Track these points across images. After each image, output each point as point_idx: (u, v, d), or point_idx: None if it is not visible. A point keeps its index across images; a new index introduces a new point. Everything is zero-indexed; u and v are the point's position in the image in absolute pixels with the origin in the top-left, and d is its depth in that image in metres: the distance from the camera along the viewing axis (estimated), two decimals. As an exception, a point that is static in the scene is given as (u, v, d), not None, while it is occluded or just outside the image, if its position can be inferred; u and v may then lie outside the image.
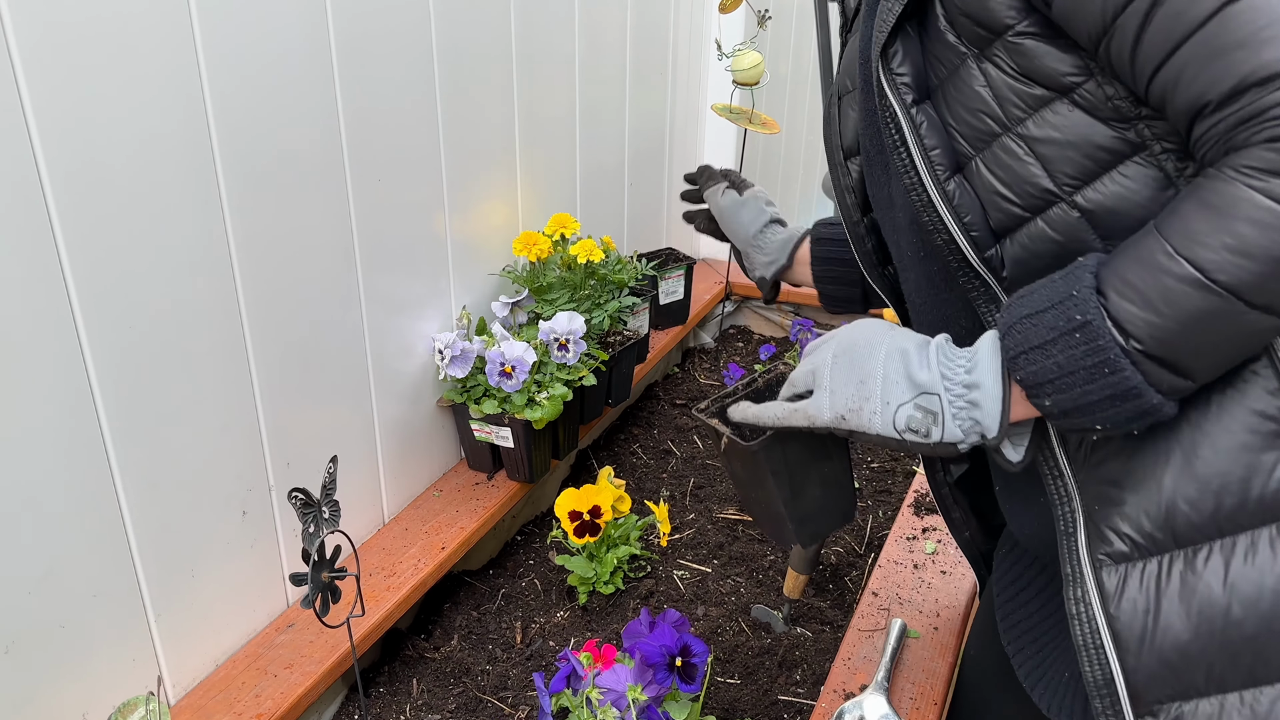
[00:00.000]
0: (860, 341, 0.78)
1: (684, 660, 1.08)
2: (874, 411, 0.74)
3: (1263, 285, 0.60)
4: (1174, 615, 0.68)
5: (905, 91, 0.76)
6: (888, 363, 0.75)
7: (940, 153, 0.76)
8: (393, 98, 1.35)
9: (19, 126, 0.90)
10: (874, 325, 0.79)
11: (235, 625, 1.27)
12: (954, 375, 0.73)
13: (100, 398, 1.02)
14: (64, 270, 0.96)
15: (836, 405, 0.77)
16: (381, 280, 1.40)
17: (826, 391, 0.78)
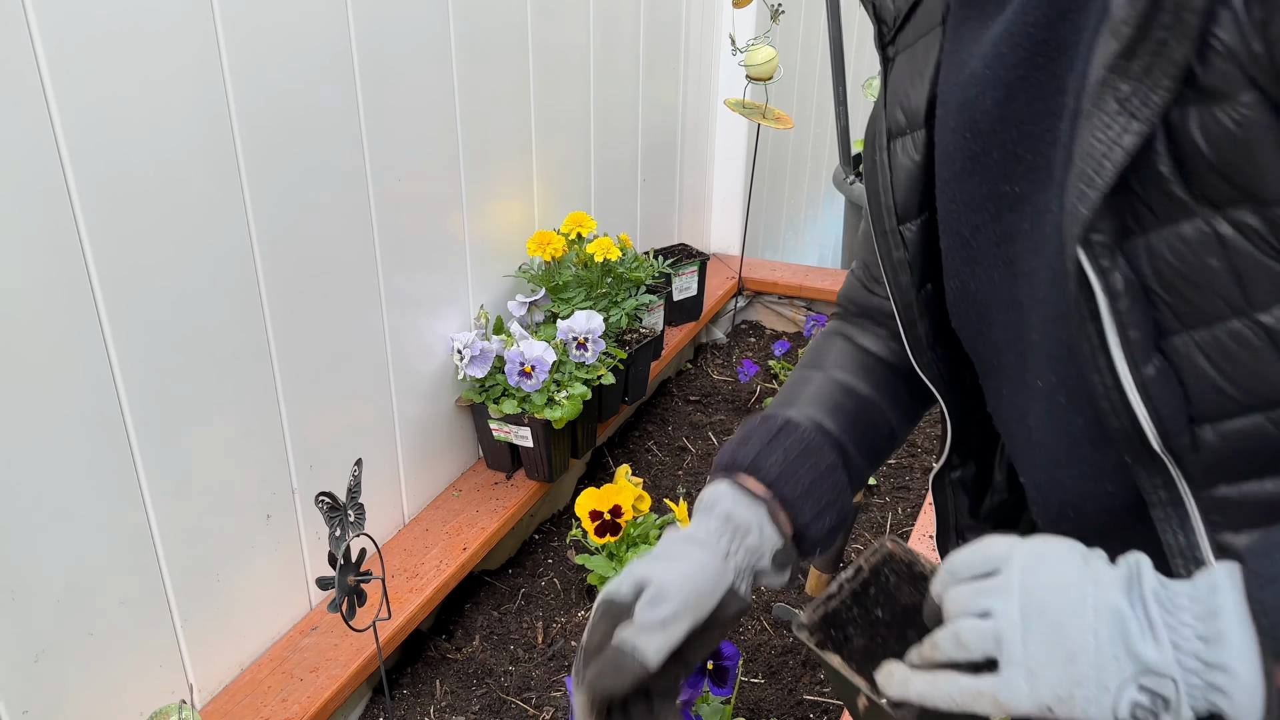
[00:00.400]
0: (1058, 593, 0.59)
1: (714, 663, 1.08)
2: (1089, 699, 0.57)
3: None
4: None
5: (1103, 254, 0.58)
6: (1099, 626, 0.57)
7: (1141, 335, 0.59)
8: (412, 97, 1.34)
9: (48, 141, 0.89)
10: (1066, 559, 0.60)
11: (259, 629, 1.26)
12: (1186, 643, 0.56)
13: (127, 405, 1.01)
14: (91, 280, 0.95)
15: (1040, 693, 0.58)
16: (401, 281, 1.40)
17: (1022, 671, 0.58)
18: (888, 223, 0.77)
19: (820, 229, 3.36)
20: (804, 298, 2.37)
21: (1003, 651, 0.58)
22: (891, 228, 0.77)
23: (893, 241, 0.77)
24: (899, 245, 0.77)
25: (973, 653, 0.60)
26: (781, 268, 2.44)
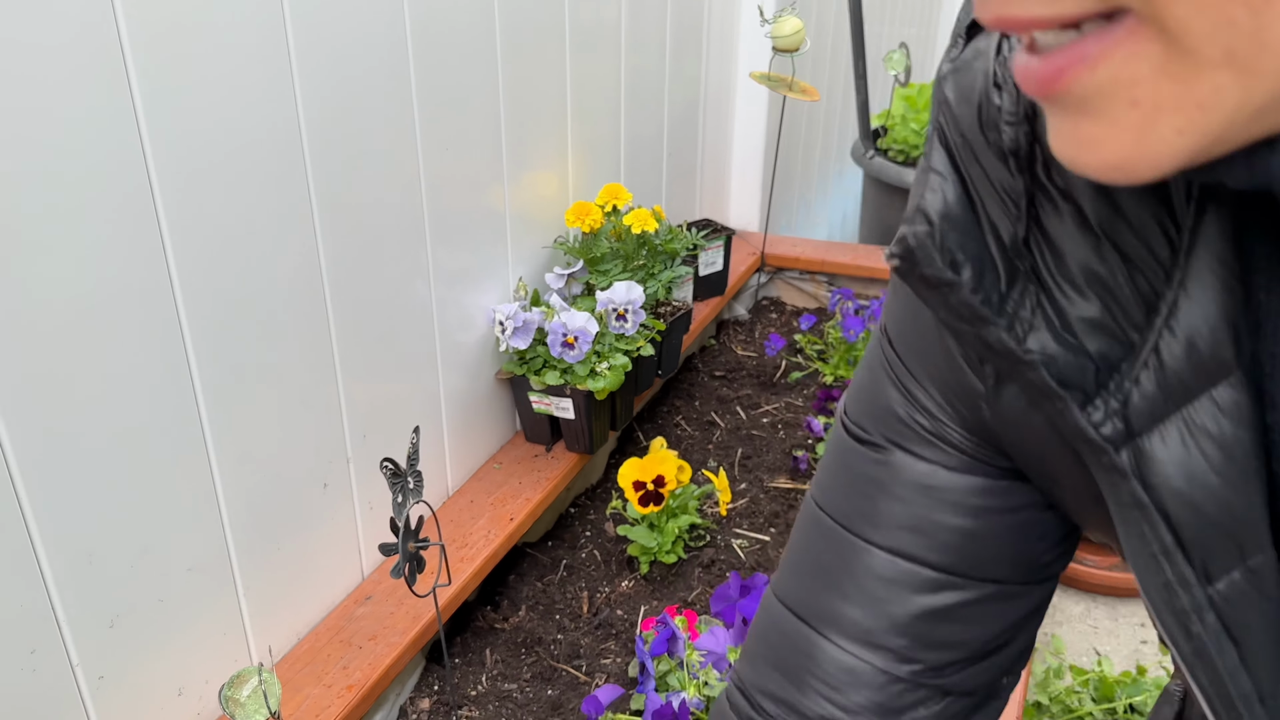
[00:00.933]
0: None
1: (781, 622, 1.08)
2: None
3: None
4: None
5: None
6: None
7: None
8: (459, 73, 1.34)
9: (130, 123, 0.88)
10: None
11: (315, 599, 1.27)
12: None
13: (196, 369, 1.01)
14: (164, 242, 0.95)
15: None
16: (446, 253, 1.39)
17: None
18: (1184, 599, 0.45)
19: (830, 204, 3.36)
20: (825, 273, 2.38)
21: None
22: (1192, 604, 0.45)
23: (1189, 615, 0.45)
24: (1206, 608, 0.45)
25: None
26: (802, 243, 2.45)
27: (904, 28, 3.71)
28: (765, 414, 2.01)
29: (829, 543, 0.60)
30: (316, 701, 1.16)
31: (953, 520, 0.56)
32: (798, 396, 2.06)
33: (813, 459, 1.83)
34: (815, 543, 0.61)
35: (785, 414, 2.00)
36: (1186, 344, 0.40)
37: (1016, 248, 0.45)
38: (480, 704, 1.32)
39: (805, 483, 1.78)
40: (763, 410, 2.02)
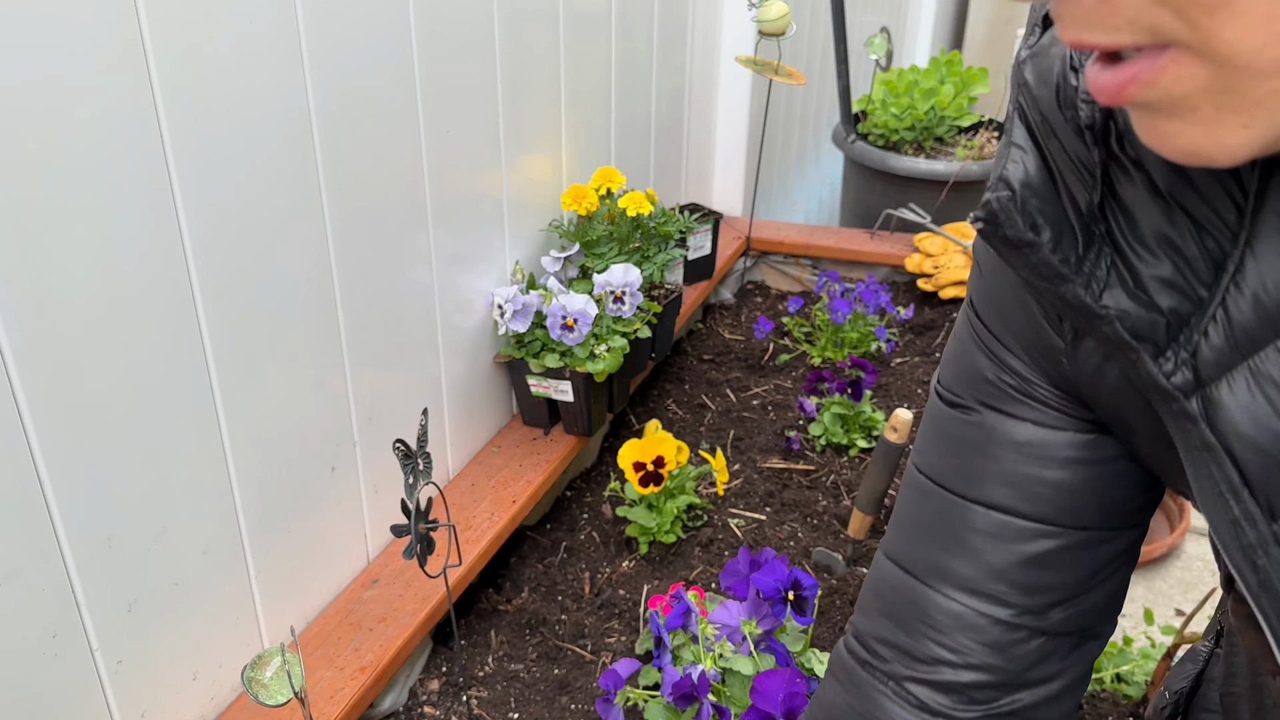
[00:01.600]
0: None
1: (795, 594, 1.10)
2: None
3: None
4: None
5: None
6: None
7: None
8: (460, 57, 1.34)
9: (151, 118, 0.88)
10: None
11: (324, 582, 1.27)
12: None
13: (213, 360, 1.01)
14: (180, 222, 0.95)
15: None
16: (447, 237, 1.39)
17: None
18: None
19: (808, 188, 3.39)
20: (810, 256, 2.40)
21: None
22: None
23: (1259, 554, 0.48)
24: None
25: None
26: (786, 227, 2.47)
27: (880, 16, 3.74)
28: (755, 396, 2.03)
29: (931, 504, 0.65)
30: (330, 684, 1.16)
31: (1044, 473, 0.60)
32: (786, 378, 2.08)
33: (805, 439, 1.86)
34: (918, 505, 0.67)
35: (775, 396, 2.03)
36: (1253, 299, 0.44)
37: (1092, 213, 0.49)
38: (489, 684, 1.33)
39: (798, 463, 1.81)
40: (752, 392, 2.04)
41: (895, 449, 1.45)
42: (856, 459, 1.82)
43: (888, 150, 2.51)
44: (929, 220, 2.32)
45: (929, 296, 2.29)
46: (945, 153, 2.53)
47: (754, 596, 1.09)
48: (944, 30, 5.22)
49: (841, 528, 1.63)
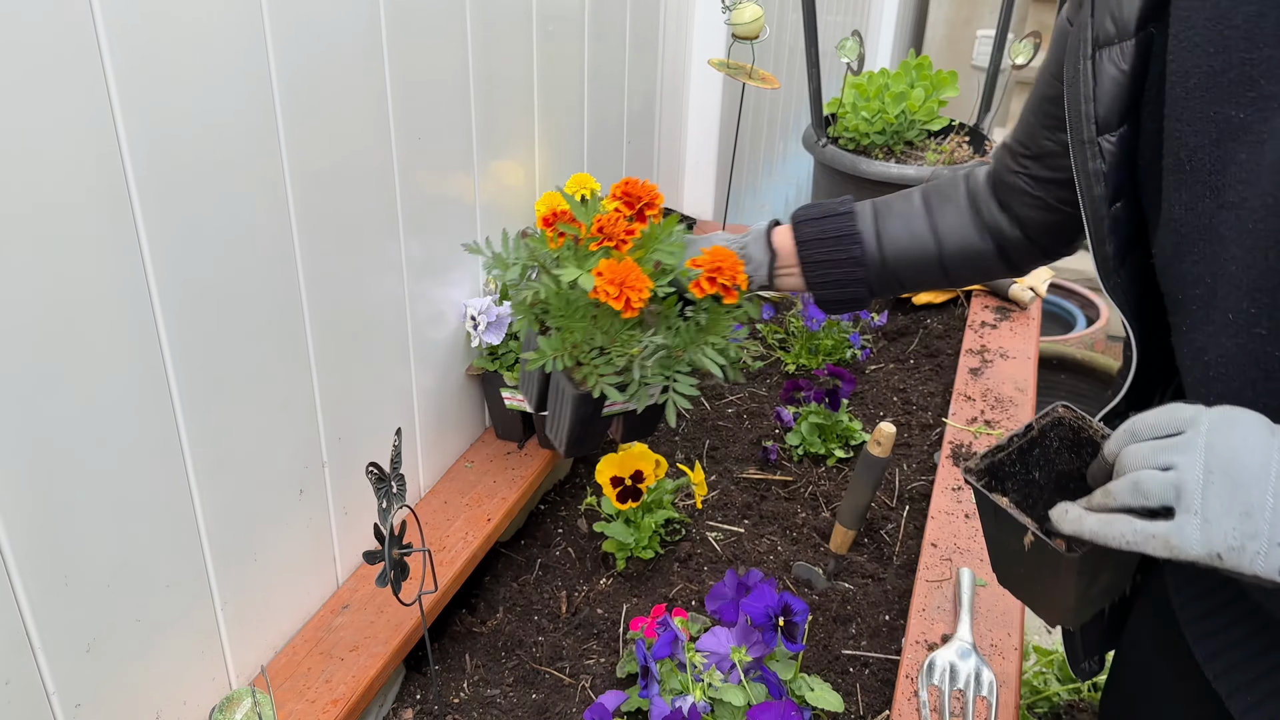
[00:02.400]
0: (1244, 455, 0.62)
1: (785, 620, 1.07)
2: (1258, 553, 0.60)
3: None
4: None
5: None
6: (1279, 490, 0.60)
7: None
8: (431, 54, 1.29)
9: (109, 126, 0.82)
10: (1255, 428, 0.63)
11: (292, 609, 1.21)
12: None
13: (174, 378, 0.95)
14: (141, 244, 0.89)
15: (1211, 541, 0.61)
16: (418, 246, 1.34)
17: (1197, 519, 0.61)
18: (1086, 132, 0.78)
19: (775, 188, 3.37)
20: (782, 261, 2.37)
21: (1181, 500, 0.62)
22: (1090, 138, 0.78)
23: (1090, 152, 0.78)
24: (1096, 156, 0.78)
25: (1149, 500, 0.64)
26: (758, 232, 2.44)
27: (843, 15, 3.73)
28: (729, 404, 2.00)
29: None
30: (300, 718, 1.11)
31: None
32: (761, 386, 2.06)
33: (782, 449, 1.83)
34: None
35: (750, 404, 2.00)
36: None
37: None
38: (464, 711, 1.28)
39: (775, 473, 1.78)
40: (726, 400, 2.01)
41: (878, 463, 1.43)
42: (834, 469, 1.79)
43: (859, 154, 2.49)
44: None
45: (902, 303, 2.28)
46: (915, 157, 2.52)
47: (743, 623, 1.06)
48: (905, 31, 5.24)
49: (821, 540, 1.61)
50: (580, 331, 1.08)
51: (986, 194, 1.08)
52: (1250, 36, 0.66)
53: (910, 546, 1.56)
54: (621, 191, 1.09)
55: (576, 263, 1.06)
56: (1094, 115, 0.78)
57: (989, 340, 1.99)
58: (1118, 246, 0.81)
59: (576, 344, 1.08)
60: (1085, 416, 0.83)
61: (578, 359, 1.09)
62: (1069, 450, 0.84)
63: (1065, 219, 1.02)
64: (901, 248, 1.10)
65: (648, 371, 1.08)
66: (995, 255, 1.09)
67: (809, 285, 1.13)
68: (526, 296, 1.08)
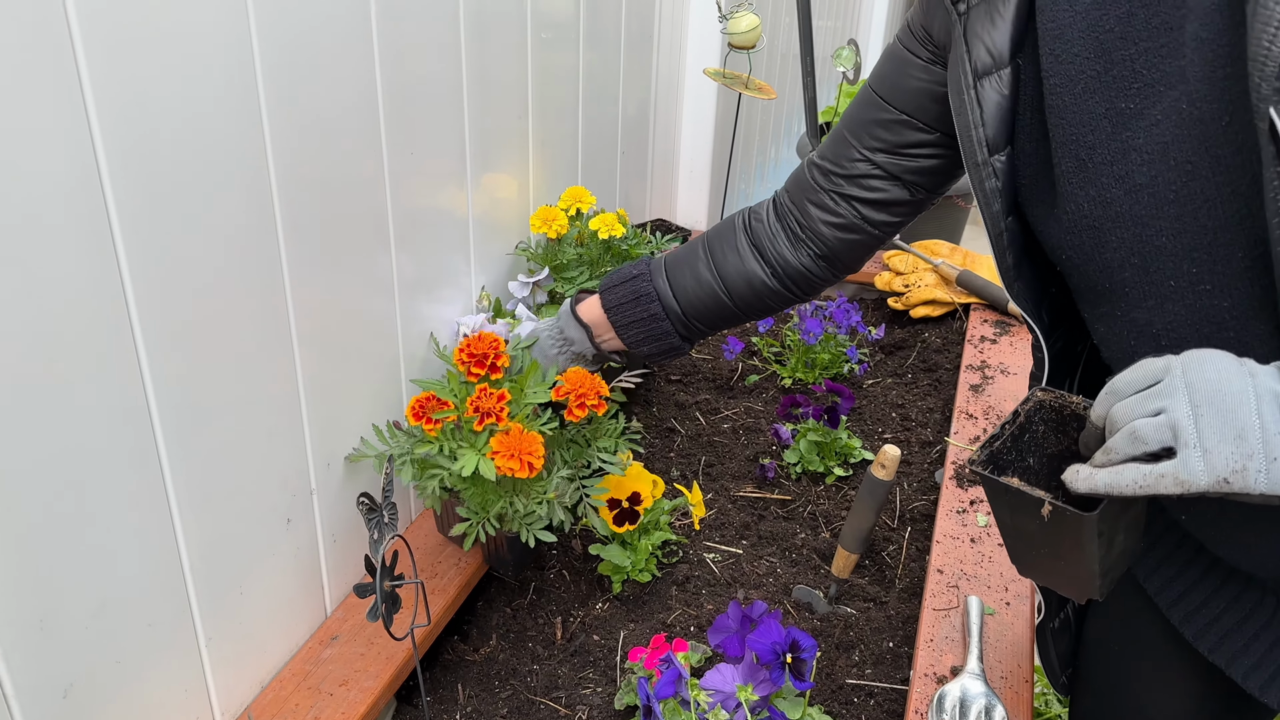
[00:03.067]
0: (1222, 386, 0.67)
1: (793, 656, 1.04)
2: (1260, 470, 0.64)
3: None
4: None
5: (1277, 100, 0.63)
6: (1262, 410, 0.65)
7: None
8: (423, 64, 1.25)
9: (83, 126, 0.77)
10: (1222, 361, 0.68)
11: (279, 642, 1.17)
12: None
13: (156, 408, 0.91)
14: (121, 271, 0.84)
15: (1216, 467, 0.65)
16: (409, 262, 1.30)
17: (1198, 451, 0.66)
18: (980, 155, 0.86)
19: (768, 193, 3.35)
20: (777, 272, 2.34)
21: (1179, 438, 0.66)
22: (984, 159, 0.86)
23: (985, 173, 0.86)
24: (990, 176, 0.86)
25: (1150, 444, 0.68)
26: (752, 242, 2.40)
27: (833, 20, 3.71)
28: (725, 419, 1.96)
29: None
30: (288, 758, 1.06)
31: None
32: (757, 400, 2.02)
33: (780, 466, 1.79)
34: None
35: (745, 419, 1.96)
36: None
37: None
38: (458, 745, 1.24)
39: (773, 491, 1.74)
40: (722, 415, 1.97)
41: (882, 486, 1.40)
42: (833, 487, 1.76)
43: (854, 164, 2.46)
44: (897, 237, 2.27)
45: (899, 315, 2.25)
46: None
47: (750, 660, 1.02)
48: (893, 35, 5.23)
49: (821, 562, 1.57)
50: (494, 501, 1.24)
51: (774, 228, 1.22)
52: (1125, 35, 0.73)
53: (913, 569, 1.52)
54: (466, 354, 1.20)
55: (469, 445, 1.19)
56: (984, 139, 0.85)
57: (989, 356, 1.96)
58: (1016, 256, 0.89)
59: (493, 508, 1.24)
60: (1064, 394, 0.86)
61: (500, 517, 1.25)
62: (1055, 432, 0.87)
63: (865, 238, 1.16)
64: (691, 297, 1.24)
65: (572, 495, 1.28)
66: (780, 287, 1.22)
67: (628, 346, 1.27)
68: (432, 488, 1.20)
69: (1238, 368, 0.67)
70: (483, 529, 1.22)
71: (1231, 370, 0.67)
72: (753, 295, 1.23)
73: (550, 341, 1.31)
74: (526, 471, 1.16)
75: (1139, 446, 0.69)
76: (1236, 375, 0.67)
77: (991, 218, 0.88)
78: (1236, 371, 0.67)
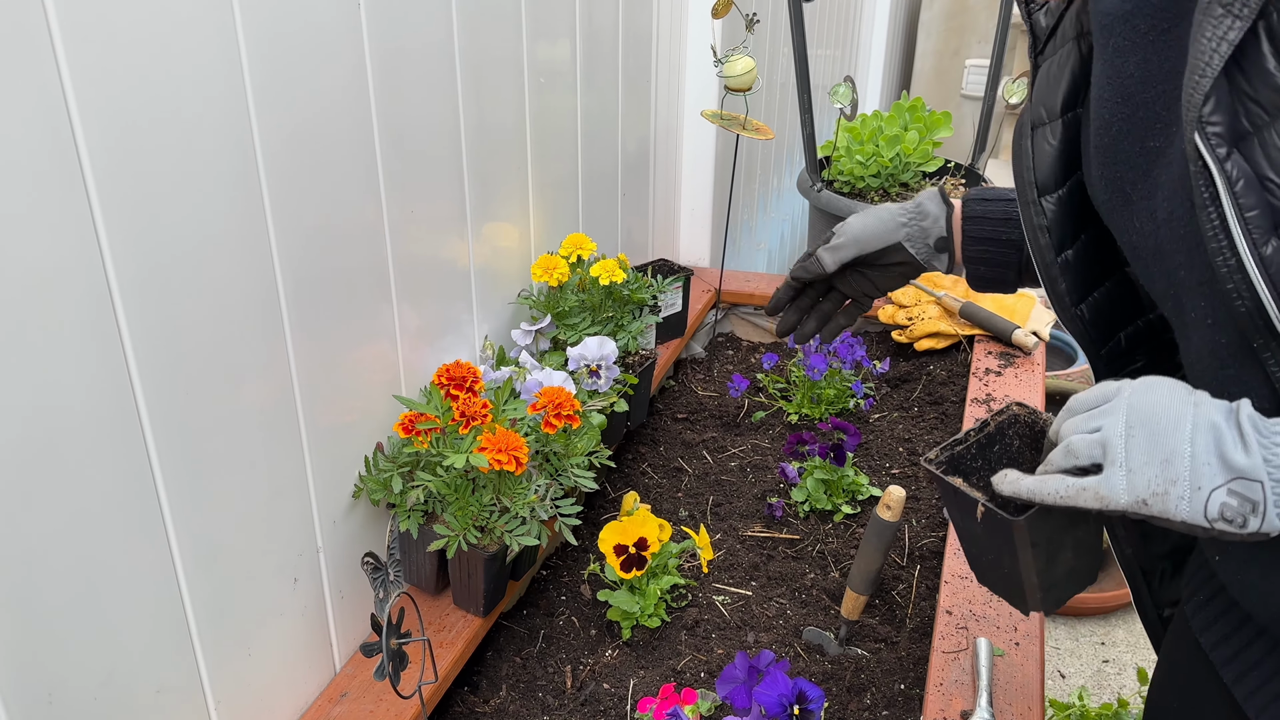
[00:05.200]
0: (1160, 411, 0.69)
1: (800, 708, 1.03)
2: (1181, 497, 0.66)
3: None
4: None
5: (1218, 143, 0.66)
6: (1196, 439, 0.66)
7: (1258, 214, 0.66)
8: (421, 116, 1.26)
9: (86, 218, 0.79)
10: (1171, 389, 0.71)
11: (288, 701, 1.17)
12: (1277, 458, 0.65)
13: (160, 475, 0.92)
14: (122, 336, 0.85)
15: (1136, 488, 0.68)
16: (413, 315, 1.31)
17: (1122, 470, 0.68)
18: (1030, 195, 0.92)
19: (770, 226, 3.36)
20: (781, 308, 2.35)
21: (1107, 455, 0.70)
22: (1033, 199, 0.92)
23: (1034, 211, 0.92)
24: (1039, 214, 0.92)
25: (1080, 459, 0.72)
26: (755, 278, 2.41)
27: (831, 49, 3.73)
28: (732, 457, 1.96)
29: None
30: (298, 820, 1.06)
31: None
32: (764, 437, 2.02)
33: (787, 505, 1.79)
34: None
35: (753, 456, 1.96)
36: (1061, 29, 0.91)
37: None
38: (469, 800, 1.24)
39: (782, 530, 1.74)
40: (729, 453, 1.98)
41: (889, 527, 1.39)
42: (842, 525, 1.76)
43: (854, 198, 2.47)
44: (900, 269, 2.28)
45: (904, 348, 2.25)
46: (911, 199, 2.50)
47: (757, 712, 1.02)
48: (894, 63, 5.26)
49: (831, 602, 1.57)
50: (477, 505, 1.27)
51: None
52: (1145, 79, 0.78)
53: (923, 608, 1.52)
54: (446, 378, 1.27)
55: (454, 450, 1.23)
56: (1034, 181, 0.92)
57: (994, 388, 1.96)
58: (1070, 286, 0.93)
59: (476, 515, 1.26)
60: (1038, 411, 0.90)
61: (480, 527, 1.27)
62: (1030, 448, 0.89)
63: None
64: None
65: (547, 510, 1.29)
66: None
67: (964, 259, 1.20)
68: (416, 496, 1.22)
69: (1184, 396, 0.70)
70: (463, 539, 1.25)
71: (1176, 397, 0.69)
72: None
73: (901, 209, 1.23)
74: (514, 466, 1.21)
75: (1071, 460, 0.73)
76: (1179, 402, 0.69)
77: (1039, 251, 0.93)
78: (1181, 399, 0.69)
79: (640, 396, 1.75)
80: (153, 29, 0.84)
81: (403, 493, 1.23)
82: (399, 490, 1.23)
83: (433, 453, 1.24)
